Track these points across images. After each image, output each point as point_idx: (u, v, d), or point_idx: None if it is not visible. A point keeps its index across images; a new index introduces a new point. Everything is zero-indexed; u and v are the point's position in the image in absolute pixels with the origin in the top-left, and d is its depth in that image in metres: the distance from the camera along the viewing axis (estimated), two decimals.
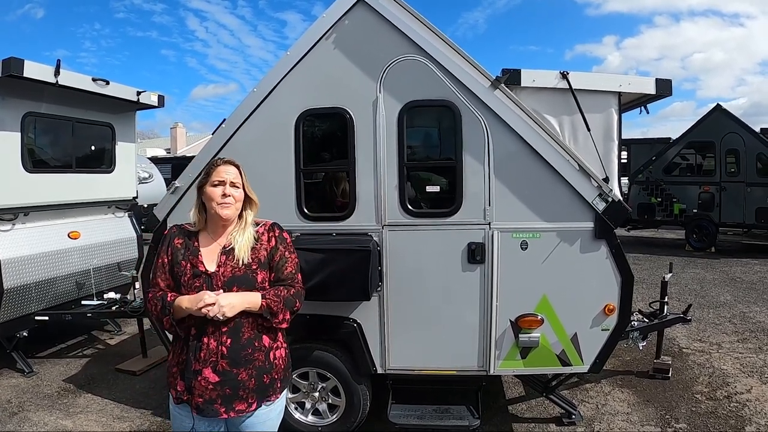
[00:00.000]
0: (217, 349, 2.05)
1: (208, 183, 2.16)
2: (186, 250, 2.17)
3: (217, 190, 2.12)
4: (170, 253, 2.17)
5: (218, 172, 2.15)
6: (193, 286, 2.08)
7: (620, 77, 3.66)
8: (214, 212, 2.14)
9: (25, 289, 4.94)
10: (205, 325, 2.05)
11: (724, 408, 4.20)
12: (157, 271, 2.18)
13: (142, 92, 5.95)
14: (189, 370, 2.06)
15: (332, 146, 3.80)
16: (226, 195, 2.12)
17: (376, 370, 3.62)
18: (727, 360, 5.23)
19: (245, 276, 2.13)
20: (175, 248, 2.17)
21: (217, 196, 2.12)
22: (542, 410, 4.24)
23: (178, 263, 2.14)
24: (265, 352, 2.15)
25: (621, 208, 3.35)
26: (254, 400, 2.12)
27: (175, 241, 2.19)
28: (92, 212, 5.91)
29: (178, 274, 2.13)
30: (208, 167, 2.20)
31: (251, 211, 2.25)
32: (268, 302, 2.10)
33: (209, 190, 2.14)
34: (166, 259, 2.17)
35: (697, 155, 12.23)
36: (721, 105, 11.60)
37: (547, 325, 3.47)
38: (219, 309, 1.97)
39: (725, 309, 7.10)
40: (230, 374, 2.06)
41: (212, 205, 2.13)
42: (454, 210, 3.47)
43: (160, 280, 2.17)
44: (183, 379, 2.08)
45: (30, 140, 5.20)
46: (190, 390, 2.06)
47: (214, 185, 2.14)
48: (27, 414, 4.28)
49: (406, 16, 3.38)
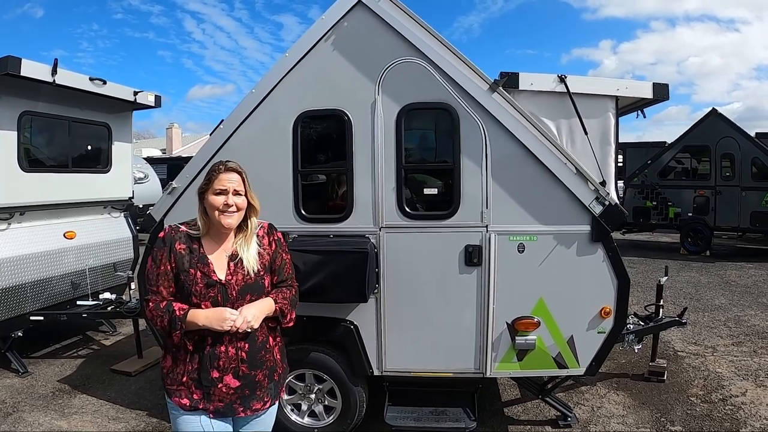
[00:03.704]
0: (237, 356, 2.07)
1: (209, 190, 2.07)
2: (192, 256, 2.09)
3: (220, 198, 2.06)
4: (173, 260, 2.07)
5: (221, 181, 2.07)
6: (207, 296, 2.06)
7: (618, 81, 3.68)
8: (216, 221, 2.09)
9: (20, 288, 4.92)
10: (220, 335, 2.04)
11: (720, 411, 4.22)
12: (159, 278, 2.06)
13: (139, 92, 5.94)
14: (207, 379, 2.06)
15: (330, 148, 3.80)
16: (228, 204, 2.06)
17: (372, 371, 3.62)
18: (722, 363, 5.25)
19: (256, 283, 2.15)
20: (179, 254, 2.07)
21: (219, 204, 2.06)
22: (538, 412, 4.25)
23: (185, 271, 2.06)
24: (272, 351, 2.22)
25: (618, 211, 3.36)
26: (269, 398, 2.21)
27: (177, 246, 2.08)
28: (88, 212, 5.90)
29: (185, 282, 2.06)
30: (210, 173, 2.10)
31: (255, 217, 2.20)
32: (280, 306, 2.16)
33: (211, 198, 2.07)
34: (169, 266, 2.06)
35: (692, 159, 12.28)
36: (717, 109, 11.67)
37: (544, 328, 3.48)
38: (246, 324, 2.00)
39: (720, 312, 7.13)
40: (249, 377, 2.11)
41: (214, 213, 2.07)
42: (452, 212, 3.48)
43: (162, 288, 2.07)
44: (199, 387, 2.07)
45: (26, 139, 5.19)
46: (209, 397, 2.08)
47: (216, 193, 2.06)
48: (22, 414, 4.26)
49: (405, 19, 3.39)
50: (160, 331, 2.12)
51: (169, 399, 2.13)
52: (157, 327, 2.07)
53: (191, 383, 2.08)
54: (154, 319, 2.05)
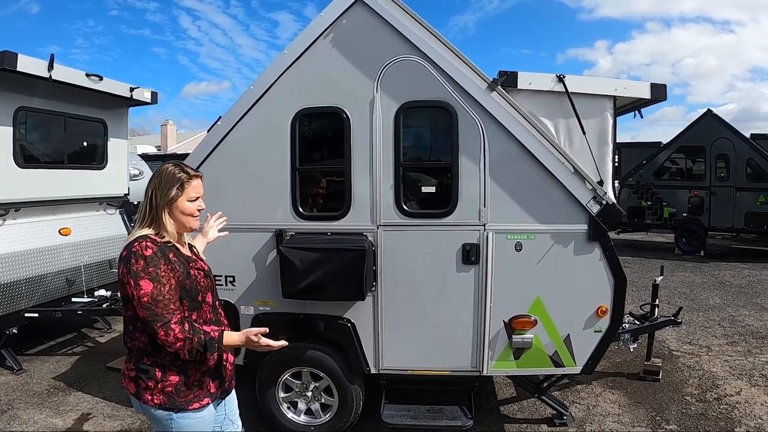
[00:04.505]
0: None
1: (183, 197, 2.11)
2: (182, 260, 2.11)
3: (194, 205, 2.16)
4: (177, 271, 2.04)
5: (195, 188, 2.16)
6: (207, 288, 2.20)
7: (616, 81, 3.70)
8: (187, 225, 2.17)
9: (15, 285, 4.89)
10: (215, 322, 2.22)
11: (714, 410, 4.25)
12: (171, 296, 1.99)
13: (136, 88, 5.92)
14: (221, 365, 2.18)
15: (328, 146, 3.79)
16: (200, 209, 2.20)
17: (369, 369, 3.62)
18: (717, 362, 5.29)
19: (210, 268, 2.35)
20: (173, 263, 2.05)
21: (194, 210, 2.16)
22: (534, 411, 4.27)
23: (188, 276, 2.08)
24: None
25: (615, 210, 3.37)
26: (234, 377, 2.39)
27: (170, 255, 2.06)
28: (83, 209, 5.88)
29: (192, 286, 2.09)
30: (181, 181, 2.11)
31: None
32: None
33: (185, 205, 2.12)
34: (174, 281, 2.02)
35: (687, 159, 12.32)
36: (712, 110, 11.71)
37: (541, 327, 3.49)
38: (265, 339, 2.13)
39: (714, 312, 7.17)
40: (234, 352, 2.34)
41: (187, 218, 2.15)
42: (449, 211, 3.48)
43: (176, 305, 2.01)
44: (215, 378, 2.18)
45: (22, 135, 5.15)
46: (222, 380, 2.22)
47: (191, 200, 2.14)
48: (17, 412, 4.24)
49: (404, 17, 3.38)
50: (186, 354, 1.97)
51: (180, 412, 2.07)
52: (185, 349, 1.96)
53: (208, 380, 2.14)
54: (182, 342, 1.95)
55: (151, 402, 2.05)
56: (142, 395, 2.06)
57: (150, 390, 2.05)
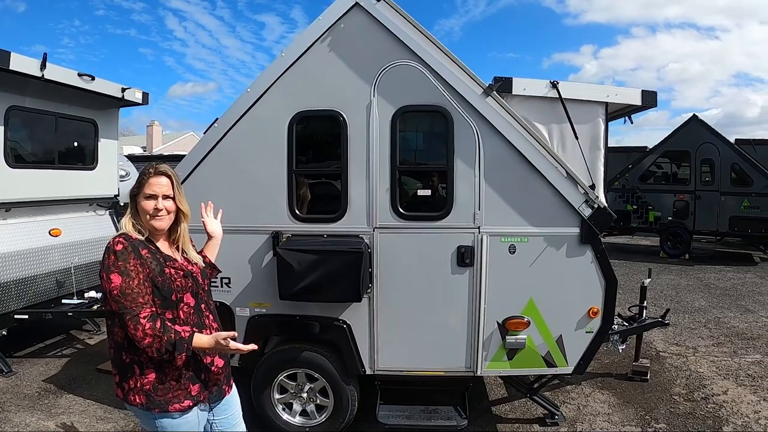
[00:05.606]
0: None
1: (140, 194, 2.11)
2: (158, 257, 2.11)
3: (150, 203, 2.09)
4: (147, 266, 2.04)
5: (150, 185, 2.10)
6: (187, 288, 2.16)
7: (608, 88, 3.76)
8: (149, 225, 2.12)
9: (4, 286, 4.84)
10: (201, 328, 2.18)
11: (702, 409, 4.34)
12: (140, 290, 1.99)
13: (127, 89, 5.90)
14: (204, 366, 2.17)
15: (325, 148, 3.82)
16: (158, 209, 2.10)
17: (364, 370, 3.65)
18: (703, 363, 5.39)
19: (204, 270, 2.33)
20: (147, 259, 2.05)
21: (150, 209, 2.09)
22: (525, 411, 4.32)
23: (161, 273, 2.07)
24: None
25: (606, 214, 3.44)
26: (231, 382, 2.39)
27: (143, 252, 2.06)
28: (74, 209, 5.84)
29: (164, 283, 2.06)
30: (141, 176, 2.12)
31: (185, 222, 2.25)
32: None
33: (142, 202, 2.10)
34: (142, 275, 2.01)
35: (672, 164, 12.51)
36: (698, 115, 11.91)
37: (534, 328, 3.55)
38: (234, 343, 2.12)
39: (700, 314, 7.30)
40: (225, 356, 2.29)
41: (146, 217, 2.11)
42: (445, 214, 3.52)
43: (145, 299, 2.01)
44: (196, 381, 2.14)
45: (13, 135, 5.10)
46: (206, 384, 2.19)
47: (147, 198, 2.10)
48: (8, 415, 4.19)
49: (402, 22, 3.42)
50: (155, 352, 1.96)
51: (162, 413, 2.08)
52: (154, 347, 1.96)
53: (187, 381, 2.11)
54: (152, 338, 1.95)
55: (135, 402, 2.09)
56: (128, 397, 2.11)
57: (132, 391, 2.09)
